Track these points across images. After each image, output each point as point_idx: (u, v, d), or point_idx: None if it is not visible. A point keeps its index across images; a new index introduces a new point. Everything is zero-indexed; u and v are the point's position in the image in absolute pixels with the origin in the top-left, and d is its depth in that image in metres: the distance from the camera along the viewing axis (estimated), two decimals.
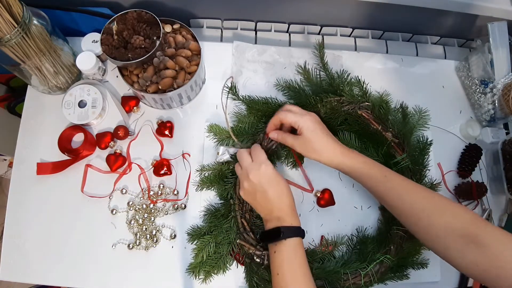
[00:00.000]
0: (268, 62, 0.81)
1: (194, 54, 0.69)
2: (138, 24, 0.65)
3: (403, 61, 0.86)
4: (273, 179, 0.59)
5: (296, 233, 0.57)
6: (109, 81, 0.76)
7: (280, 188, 0.59)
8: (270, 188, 0.58)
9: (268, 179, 0.59)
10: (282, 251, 0.56)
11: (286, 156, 0.72)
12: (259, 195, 0.59)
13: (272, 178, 0.59)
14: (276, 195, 0.58)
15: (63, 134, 0.70)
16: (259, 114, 0.72)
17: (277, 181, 0.59)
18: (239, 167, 0.63)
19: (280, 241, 0.56)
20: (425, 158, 0.70)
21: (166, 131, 0.72)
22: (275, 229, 0.57)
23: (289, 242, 0.56)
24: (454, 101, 0.85)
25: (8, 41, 0.57)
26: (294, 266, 0.55)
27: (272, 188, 0.58)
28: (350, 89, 0.70)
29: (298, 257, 0.55)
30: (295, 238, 0.56)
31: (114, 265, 0.67)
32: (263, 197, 0.59)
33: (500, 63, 0.78)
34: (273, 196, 0.58)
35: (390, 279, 0.66)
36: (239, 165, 0.63)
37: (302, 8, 0.85)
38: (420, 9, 0.78)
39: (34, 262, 0.66)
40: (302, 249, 0.57)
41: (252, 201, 0.61)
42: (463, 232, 0.49)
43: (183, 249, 0.68)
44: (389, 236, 0.66)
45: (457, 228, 0.50)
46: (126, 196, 0.70)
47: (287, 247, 0.56)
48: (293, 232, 0.57)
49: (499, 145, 0.78)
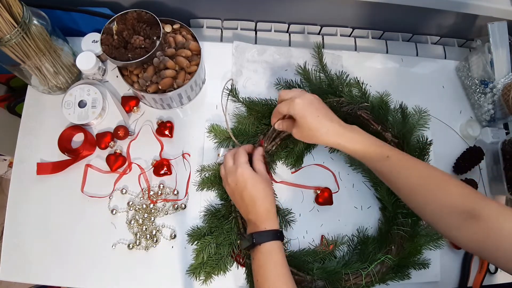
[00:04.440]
0: (268, 62, 0.81)
1: (194, 54, 0.69)
2: (138, 24, 0.65)
3: (403, 61, 0.86)
4: (248, 181, 0.58)
5: (269, 237, 0.55)
6: (109, 81, 0.76)
7: (256, 191, 0.57)
8: (244, 191, 0.58)
9: (243, 181, 0.58)
10: (258, 257, 0.55)
11: (287, 157, 0.72)
12: (237, 198, 0.59)
13: (247, 181, 0.58)
14: (250, 198, 0.57)
15: (63, 134, 0.70)
16: (259, 116, 0.72)
17: (253, 184, 0.58)
18: (223, 169, 0.63)
19: (256, 248, 0.55)
20: (425, 158, 0.70)
21: (166, 131, 0.72)
22: (249, 235, 0.57)
23: (263, 248, 0.55)
24: (454, 101, 0.85)
25: (8, 41, 0.57)
26: (268, 272, 0.54)
27: (246, 192, 0.57)
28: (349, 90, 0.70)
29: (272, 262, 0.54)
30: (270, 242, 0.55)
31: (114, 265, 0.67)
32: (240, 200, 0.59)
33: (500, 63, 0.78)
34: (248, 199, 0.57)
35: (391, 279, 0.66)
36: (223, 168, 0.63)
37: (302, 8, 0.85)
38: (420, 9, 0.78)
39: (34, 262, 0.66)
40: (278, 253, 0.55)
41: (234, 202, 0.62)
42: (461, 208, 0.49)
43: (183, 249, 0.68)
44: (389, 236, 0.66)
45: (455, 205, 0.49)
46: (126, 196, 0.70)
47: (261, 253, 0.55)
48: (266, 236, 0.55)
49: (499, 145, 0.78)
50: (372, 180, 0.74)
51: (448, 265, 0.74)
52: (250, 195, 0.57)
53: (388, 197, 0.69)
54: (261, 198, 0.58)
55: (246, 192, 0.58)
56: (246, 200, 0.58)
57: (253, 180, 0.58)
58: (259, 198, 0.57)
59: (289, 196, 0.72)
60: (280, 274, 0.54)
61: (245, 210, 0.59)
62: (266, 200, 0.58)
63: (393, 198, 0.69)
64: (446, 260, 0.73)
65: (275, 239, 0.56)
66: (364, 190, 0.75)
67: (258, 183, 0.58)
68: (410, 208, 0.56)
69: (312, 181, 0.74)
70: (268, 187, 0.59)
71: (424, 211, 0.53)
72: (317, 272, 0.62)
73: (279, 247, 0.56)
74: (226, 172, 0.61)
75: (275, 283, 0.53)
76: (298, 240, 0.70)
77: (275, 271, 0.54)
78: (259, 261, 0.55)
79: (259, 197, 0.57)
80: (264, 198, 0.58)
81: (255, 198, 0.57)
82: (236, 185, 0.58)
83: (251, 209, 0.58)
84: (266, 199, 0.58)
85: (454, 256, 0.74)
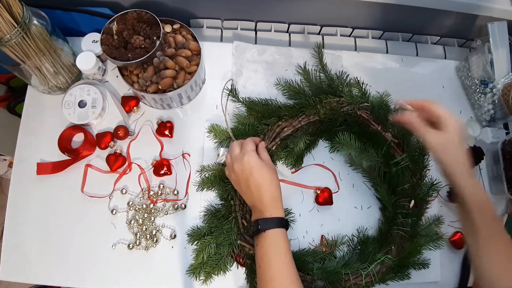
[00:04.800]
0: (268, 62, 0.81)
1: (194, 54, 0.69)
2: (138, 24, 0.65)
3: (403, 61, 0.86)
4: (254, 168, 0.58)
5: (274, 225, 0.55)
6: (109, 81, 0.76)
7: (261, 178, 0.57)
8: (250, 177, 0.58)
9: (250, 168, 0.58)
10: (262, 244, 0.55)
11: (287, 157, 0.72)
12: (242, 185, 0.59)
13: (254, 167, 0.58)
14: (255, 185, 0.57)
15: (63, 134, 0.70)
16: (259, 116, 0.72)
17: (259, 170, 0.58)
18: (229, 157, 0.63)
19: (260, 234, 0.55)
20: (425, 158, 0.70)
21: (166, 131, 0.72)
22: (254, 222, 0.57)
23: (268, 234, 0.55)
24: (454, 101, 0.85)
25: (8, 41, 0.57)
26: (271, 260, 0.53)
27: (253, 178, 0.57)
28: (349, 90, 0.70)
29: (277, 249, 0.54)
30: (275, 229, 0.55)
31: (114, 265, 0.67)
32: (246, 187, 0.59)
33: (500, 63, 0.78)
34: (254, 186, 0.57)
35: (391, 279, 0.66)
36: (229, 155, 0.63)
37: (302, 8, 0.85)
38: (420, 9, 0.78)
39: (34, 262, 0.66)
40: (283, 240, 0.55)
41: (239, 191, 0.61)
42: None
43: (183, 249, 0.68)
44: (389, 236, 0.66)
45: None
46: (126, 196, 0.70)
47: (266, 239, 0.55)
48: (271, 223, 0.55)
49: (499, 145, 0.78)
50: (372, 180, 0.74)
51: (448, 265, 0.74)
52: (255, 182, 0.57)
53: (388, 197, 0.69)
54: (267, 185, 0.58)
55: (252, 179, 0.58)
56: (252, 187, 0.58)
57: (259, 167, 0.58)
58: (265, 184, 0.57)
59: (289, 196, 0.72)
60: (284, 261, 0.53)
61: (251, 197, 0.59)
62: (271, 186, 0.58)
63: (393, 198, 0.69)
64: (446, 260, 0.73)
65: (280, 227, 0.56)
66: (364, 190, 0.75)
67: (264, 170, 0.58)
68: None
69: (312, 181, 0.74)
70: (274, 175, 0.59)
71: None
72: (317, 272, 0.62)
73: (283, 235, 0.56)
74: (232, 160, 0.61)
75: (279, 271, 0.53)
76: (298, 240, 0.70)
77: (279, 259, 0.54)
78: (263, 248, 0.55)
79: (265, 184, 0.57)
80: (270, 184, 0.58)
81: (261, 185, 0.57)
82: (242, 171, 0.58)
83: (257, 195, 0.58)
84: (272, 186, 0.58)
85: (454, 256, 0.74)
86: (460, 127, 0.54)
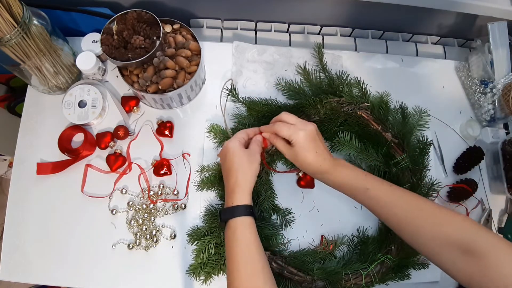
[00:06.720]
0: (268, 62, 0.81)
1: (194, 54, 0.69)
2: (138, 24, 0.65)
3: (403, 61, 0.86)
4: (229, 153, 0.56)
5: (236, 214, 0.53)
6: (109, 81, 0.76)
7: (230, 163, 0.55)
8: (224, 163, 0.58)
9: (225, 153, 0.57)
10: (226, 234, 0.54)
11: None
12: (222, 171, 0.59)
13: (229, 152, 0.56)
14: (225, 170, 0.56)
15: (63, 134, 0.70)
16: (259, 116, 0.72)
17: (231, 156, 0.56)
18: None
19: (225, 225, 0.55)
20: (425, 158, 0.70)
21: (166, 131, 0.72)
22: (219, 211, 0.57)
23: (229, 225, 0.53)
24: (454, 101, 0.85)
25: (8, 41, 0.57)
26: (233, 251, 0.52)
27: (225, 163, 0.57)
28: (349, 90, 0.70)
29: (238, 240, 0.52)
30: (234, 219, 0.53)
31: (114, 265, 0.67)
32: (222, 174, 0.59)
33: (500, 63, 0.78)
34: (224, 171, 0.57)
35: (391, 279, 0.66)
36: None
37: (302, 8, 0.85)
38: (420, 9, 0.78)
39: (34, 262, 0.66)
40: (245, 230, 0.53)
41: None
42: (456, 241, 0.45)
43: (183, 249, 0.68)
44: (389, 236, 0.66)
45: (449, 237, 0.46)
46: (126, 196, 0.70)
47: (229, 230, 0.54)
48: (229, 213, 0.54)
49: (499, 145, 0.78)
50: None
51: None
52: (225, 167, 0.57)
53: None
54: (234, 170, 0.55)
55: (224, 164, 0.57)
56: (224, 173, 0.57)
57: (233, 152, 0.56)
58: (232, 170, 0.55)
59: (289, 196, 0.72)
60: (247, 252, 0.51)
61: (224, 183, 0.58)
62: (237, 172, 0.55)
63: None
64: None
65: (241, 215, 0.53)
66: None
67: (236, 156, 0.56)
68: (403, 239, 0.53)
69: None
70: (246, 163, 0.56)
71: (415, 243, 0.50)
72: (317, 272, 0.62)
73: (247, 224, 0.53)
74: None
75: (243, 262, 0.50)
76: (298, 240, 0.70)
77: (242, 250, 0.51)
78: (227, 239, 0.53)
79: (232, 169, 0.55)
80: (236, 170, 0.55)
81: (228, 170, 0.56)
82: (221, 156, 0.58)
83: (225, 182, 0.57)
84: (237, 171, 0.55)
85: None
86: (306, 141, 0.55)
